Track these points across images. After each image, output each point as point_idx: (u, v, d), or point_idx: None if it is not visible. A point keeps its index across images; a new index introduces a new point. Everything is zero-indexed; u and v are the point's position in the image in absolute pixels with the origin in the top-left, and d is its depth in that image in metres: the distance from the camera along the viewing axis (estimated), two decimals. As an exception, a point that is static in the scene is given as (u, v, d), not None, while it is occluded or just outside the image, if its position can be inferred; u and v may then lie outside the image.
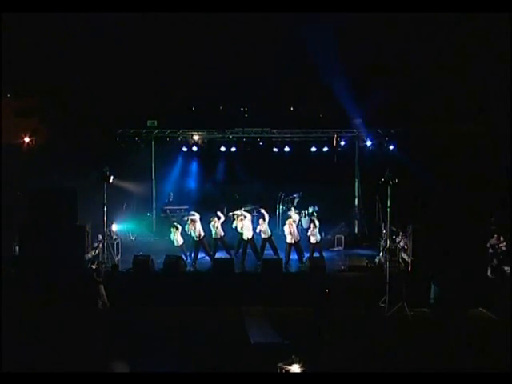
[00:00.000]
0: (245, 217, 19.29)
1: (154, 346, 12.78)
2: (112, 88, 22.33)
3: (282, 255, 18.97)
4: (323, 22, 19.00)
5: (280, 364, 10.27)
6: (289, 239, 18.78)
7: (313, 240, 18.91)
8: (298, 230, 19.21)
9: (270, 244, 19.29)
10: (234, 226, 19.47)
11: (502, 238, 18.07)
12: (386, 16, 16.47)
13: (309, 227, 19.34)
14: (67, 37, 21.08)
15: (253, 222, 19.98)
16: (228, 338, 13.60)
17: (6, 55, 17.36)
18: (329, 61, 20.04)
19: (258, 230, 19.19)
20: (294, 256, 18.98)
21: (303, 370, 10.03)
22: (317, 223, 19.11)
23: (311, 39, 19.85)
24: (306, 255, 18.94)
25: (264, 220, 19.15)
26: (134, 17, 16.70)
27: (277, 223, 21.83)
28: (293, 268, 18.56)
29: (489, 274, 17.03)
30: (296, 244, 18.86)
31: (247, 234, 19.07)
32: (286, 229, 18.86)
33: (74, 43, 21.26)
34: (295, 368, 10.08)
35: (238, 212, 19.53)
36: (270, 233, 19.26)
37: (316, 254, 18.73)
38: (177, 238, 19.08)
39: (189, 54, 22.11)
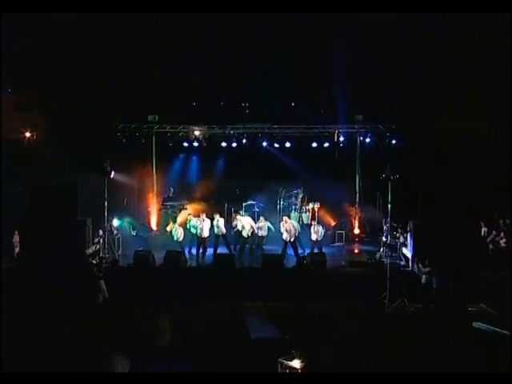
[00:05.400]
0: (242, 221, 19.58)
1: (154, 342, 12.80)
2: (113, 83, 22.35)
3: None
4: (324, 21, 19.02)
5: (280, 359, 10.29)
6: (284, 236, 18.80)
7: (314, 237, 18.93)
8: (294, 227, 19.19)
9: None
10: (234, 227, 19.65)
11: (502, 234, 18.10)
12: (387, 16, 16.44)
13: (311, 224, 19.45)
14: (68, 33, 21.08)
15: (254, 218, 20.11)
16: (228, 333, 13.61)
17: (7, 51, 17.30)
18: (330, 57, 20.06)
19: (256, 226, 19.32)
20: (290, 251, 19.01)
21: (303, 366, 10.05)
22: (319, 220, 19.31)
23: (311, 35, 19.87)
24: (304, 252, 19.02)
25: (265, 220, 19.42)
26: (135, 15, 16.68)
27: (277, 219, 21.83)
28: (289, 264, 18.42)
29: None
30: (292, 242, 18.88)
31: (247, 232, 19.25)
32: (282, 226, 18.92)
33: (75, 39, 21.27)
34: (295, 363, 10.11)
35: (238, 217, 19.74)
36: (266, 232, 19.40)
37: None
38: (179, 234, 19.21)
39: (190, 51, 22.13)
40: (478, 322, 14.17)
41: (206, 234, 19.06)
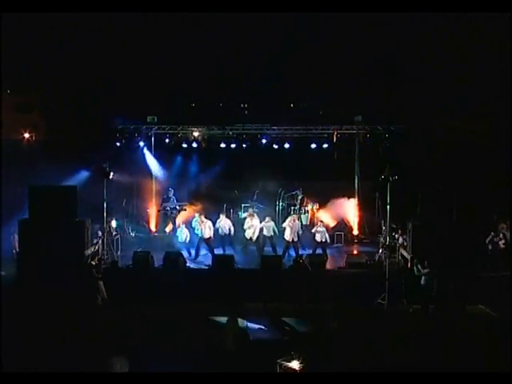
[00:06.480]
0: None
1: (153, 342, 12.79)
2: (112, 84, 22.36)
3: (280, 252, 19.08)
4: (323, 21, 19.03)
5: (279, 360, 10.27)
6: (288, 235, 18.80)
7: (318, 238, 18.92)
8: (299, 228, 19.27)
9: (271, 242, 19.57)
10: (246, 225, 19.69)
11: (501, 235, 18.08)
12: (387, 15, 16.46)
13: (316, 224, 19.51)
14: (67, 33, 21.08)
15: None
16: (227, 334, 13.60)
17: (7, 51, 17.30)
18: (329, 58, 20.06)
19: (262, 225, 19.40)
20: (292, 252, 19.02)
21: (302, 367, 10.04)
22: (325, 221, 19.33)
23: (310, 35, 19.87)
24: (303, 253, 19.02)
25: (272, 220, 19.70)
26: (135, 15, 16.70)
27: (276, 220, 21.81)
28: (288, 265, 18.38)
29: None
30: (294, 242, 18.89)
31: (250, 234, 19.28)
32: (288, 225, 18.90)
33: (75, 39, 21.27)
34: (294, 364, 10.08)
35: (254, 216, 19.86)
36: (272, 233, 19.49)
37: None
38: (183, 235, 19.37)
39: (189, 51, 22.13)
40: None
41: (207, 234, 19.10)
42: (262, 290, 16.34)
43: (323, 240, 18.96)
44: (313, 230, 19.29)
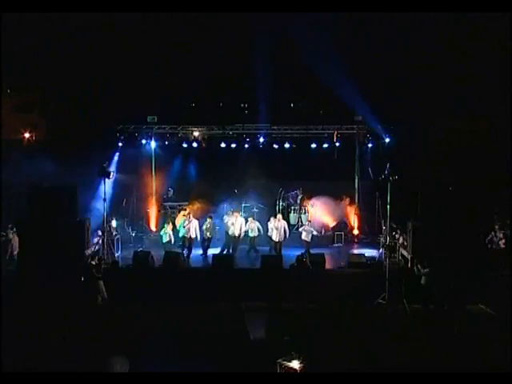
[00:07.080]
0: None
1: (153, 342, 12.79)
2: (113, 84, 22.38)
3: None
4: (323, 20, 19.03)
5: (279, 360, 10.27)
6: (274, 235, 18.86)
7: (304, 237, 18.93)
8: (285, 229, 19.28)
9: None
10: (225, 220, 19.67)
11: (501, 235, 18.08)
12: (387, 15, 16.46)
13: (301, 224, 19.53)
14: (68, 33, 21.09)
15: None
16: (227, 334, 13.59)
17: (7, 51, 17.30)
18: (328, 57, 20.06)
19: (247, 228, 19.38)
20: (287, 252, 19.01)
21: (302, 367, 10.03)
22: (315, 221, 19.29)
23: (311, 36, 19.87)
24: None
25: (254, 220, 19.73)
26: (135, 15, 16.71)
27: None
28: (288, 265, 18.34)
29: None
30: (280, 242, 18.94)
31: (235, 231, 19.36)
32: (273, 224, 18.99)
33: (75, 39, 21.28)
34: (295, 364, 10.08)
35: (236, 214, 19.91)
36: (257, 232, 19.51)
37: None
38: (167, 237, 19.42)
39: (189, 51, 22.15)
40: None
41: (193, 234, 19.15)
42: (262, 289, 16.33)
43: (310, 239, 18.99)
44: (300, 229, 19.34)
